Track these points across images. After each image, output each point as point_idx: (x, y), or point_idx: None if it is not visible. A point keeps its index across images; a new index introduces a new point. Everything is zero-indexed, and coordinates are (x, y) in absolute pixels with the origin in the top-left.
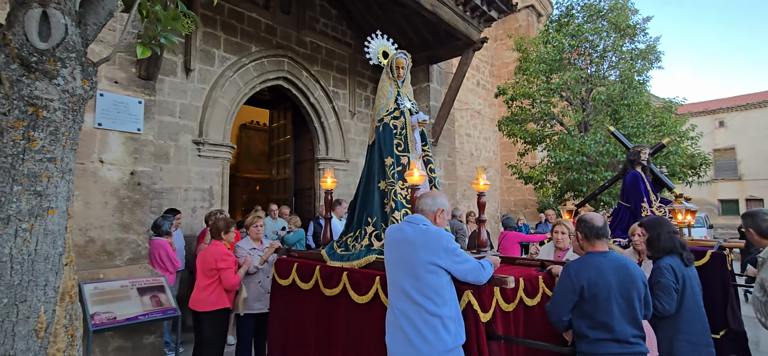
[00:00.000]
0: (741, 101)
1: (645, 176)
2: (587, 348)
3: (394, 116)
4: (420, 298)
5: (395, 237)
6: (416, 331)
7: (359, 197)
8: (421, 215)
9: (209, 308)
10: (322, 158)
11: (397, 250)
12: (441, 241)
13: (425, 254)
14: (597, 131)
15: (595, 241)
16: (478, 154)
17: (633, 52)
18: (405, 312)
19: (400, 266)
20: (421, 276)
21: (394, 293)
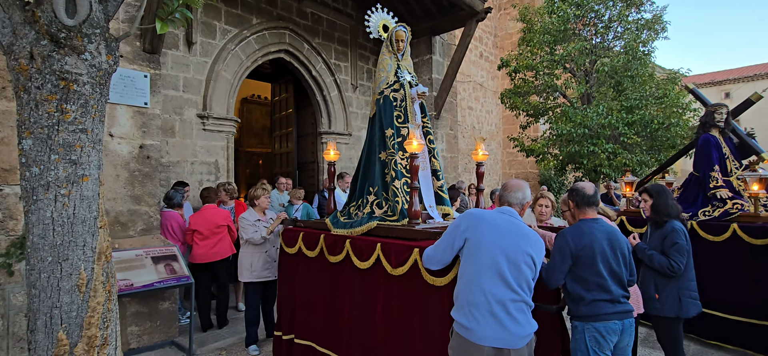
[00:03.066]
0: (748, 72)
1: (725, 140)
2: (586, 309)
3: (394, 89)
4: (516, 285)
5: (499, 221)
6: (506, 314)
7: (361, 168)
8: (512, 208)
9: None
10: (325, 132)
11: (504, 236)
12: (542, 247)
13: (533, 249)
14: (599, 103)
15: (586, 209)
16: (480, 127)
17: (639, 22)
18: (499, 296)
19: (503, 250)
20: (522, 268)
21: (488, 276)
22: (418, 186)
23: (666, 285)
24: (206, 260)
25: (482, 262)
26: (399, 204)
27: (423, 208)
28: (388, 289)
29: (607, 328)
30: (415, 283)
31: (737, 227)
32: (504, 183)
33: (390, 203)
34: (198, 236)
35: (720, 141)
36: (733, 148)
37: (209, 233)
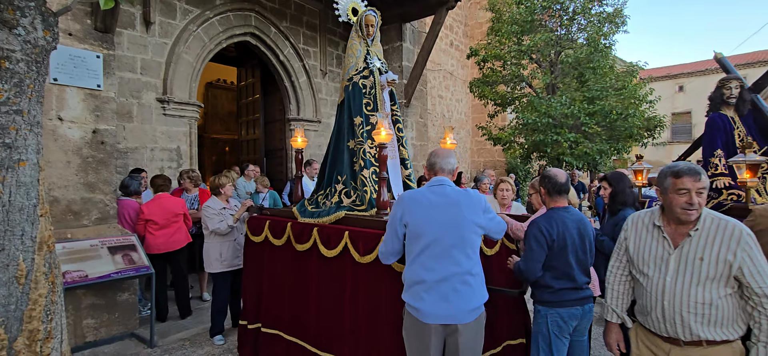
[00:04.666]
0: (701, 67)
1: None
2: (551, 297)
3: (364, 75)
4: (462, 258)
5: (434, 199)
6: (452, 290)
7: (329, 156)
8: (443, 177)
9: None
10: (293, 119)
11: (442, 212)
12: (481, 202)
13: (470, 213)
14: (563, 94)
15: (557, 197)
16: (450, 115)
17: (601, 15)
18: (444, 273)
19: (444, 227)
20: (466, 236)
21: (432, 255)
22: (386, 177)
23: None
24: (164, 250)
25: (423, 242)
26: (367, 194)
27: (391, 197)
28: (356, 277)
29: (569, 314)
30: (381, 270)
31: None
32: (433, 151)
33: (358, 192)
34: (152, 225)
35: (734, 121)
36: (755, 128)
37: (165, 222)
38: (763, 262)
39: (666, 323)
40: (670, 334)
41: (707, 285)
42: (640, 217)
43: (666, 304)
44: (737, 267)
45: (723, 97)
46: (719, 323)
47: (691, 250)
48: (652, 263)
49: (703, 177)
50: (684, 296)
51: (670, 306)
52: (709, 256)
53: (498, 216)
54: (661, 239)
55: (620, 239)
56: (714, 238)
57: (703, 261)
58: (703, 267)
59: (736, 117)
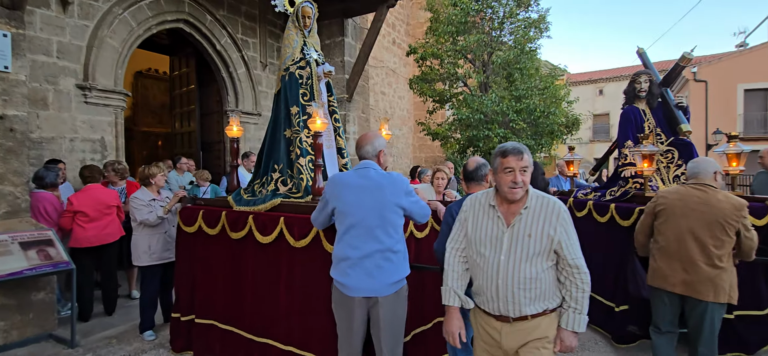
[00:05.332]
0: (618, 72)
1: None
2: None
3: (300, 66)
4: (383, 236)
5: (357, 182)
6: (375, 266)
7: (266, 145)
8: (368, 160)
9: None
10: (232, 111)
11: (364, 193)
12: (403, 184)
13: (392, 195)
14: (494, 92)
15: (470, 183)
16: (392, 112)
17: (527, 20)
18: (367, 250)
19: (366, 208)
20: (387, 215)
21: (356, 234)
22: (322, 164)
23: None
24: (95, 243)
25: (348, 222)
26: (304, 181)
27: None
28: (291, 261)
29: None
30: (317, 254)
31: (592, 207)
32: (359, 137)
33: (295, 180)
34: (82, 218)
35: (645, 113)
36: (662, 120)
37: (97, 214)
38: (575, 237)
39: (499, 301)
40: (502, 312)
41: (534, 260)
42: (477, 198)
43: (500, 282)
44: (557, 241)
45: (635, 91)
46: (542, 296)
47: (521, 228)
48: (489, 242)
49: (526, 156)
50: (515, 273)
51: (504, 284)
52: (536, 232)
53: (421, 200)
54: (495, 219)
55: (460, 219)
56: (539, 215)
57: (531, 238)
58: (531, 243)
59: (647, 110)
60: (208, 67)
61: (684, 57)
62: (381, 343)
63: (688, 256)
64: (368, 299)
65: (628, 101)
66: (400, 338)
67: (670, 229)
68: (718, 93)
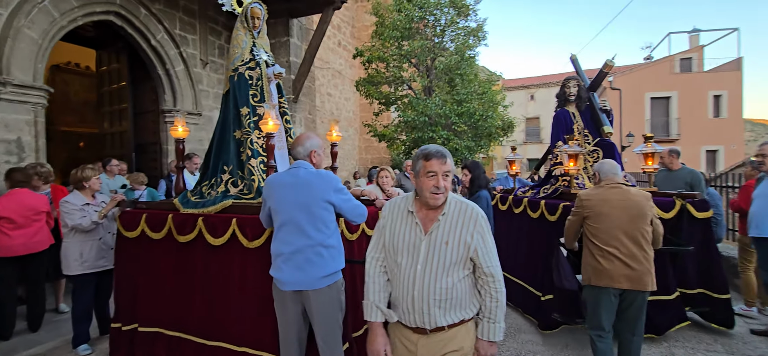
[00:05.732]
0: (547, 79)
1: (580, 115)
2: None
3: (250, 67)
4: (312, 231)
5: (288, 181)
6: (306, 260)
7: (214, 147)
8: (300, 160)
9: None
10: (169, 110)
11: (292, 191)
12: (332, 182)
13: (320, 192)
14: (437, 95)
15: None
16: (339, 113)
17: (467, 28)
18: (298, 245)
19: (295, 205)
20: (315, 212)
21: (287, 230)
22: (274, 165)
23: None
24: (22, 252)
25: (280, 220)
26: (256, 182)
27: None
28: (244, 262)
29: None
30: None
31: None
32: (292, 141)
33: (246, 181)
34: (7, 224)
35: (575, 116)
36: (590, 122)
37: (25, 221)
38: (492, 244)
39: (415, 313)
40: (418, 324)
41: (450, 270)
42: (396, 203)
43: (416, 293)
44: (474, 248)
45: (565, 95)
46: (458, 306)
47: (439, 235)
48: (405, 250)
49: (449, 160)
50: (431, 284)
51: (420, 295)
52: (453, 239)
53: (355, 200)
54: (413, 226)
55: (379, 226)
56: (457, 221)
57: (448, 246)
58: (448, 251)
59: (576, 113)
60: (142, 64)
61: (607, 64)
62: (316, 336)
63: (627, 252)
64: (301, 293)
65: (559, 104)
66: (335, 331)
67: (603, 230)
68: (629, 100)
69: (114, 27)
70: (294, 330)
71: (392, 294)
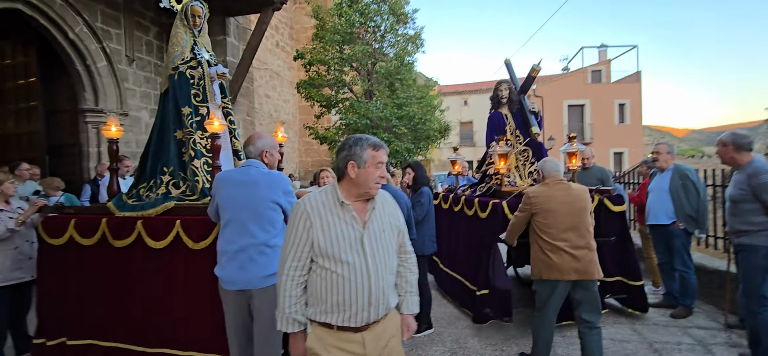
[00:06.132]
0: (480, 86)
1: (512, 116)
2: None
3: (191, 66)
4: (258, 231)
5: (237, 178)
6: (249, 259)
7: (152, 148)
8: (252, 159)
9: None
10: (90, 109)
11: (241, 189)
12: (282, 183)
13: (268, 192)
14: (378, 99)
15: None
16: (278, 115)
17: (406, 35)
18: (243, 245)
19: (242, 203)
20: (262, 211)
21: (232, 229)
22: (219, 165)
23: (418, 229)
24: None
25: (226, 217)
26: (200, 184)
27: None
28: (189, 264)
29: None
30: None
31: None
32: (245, 139)
33: (189, 182)
34: None
35: (507, 117)
36: (521, 123)
37: None
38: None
39: (371, 309)
40: (371, 319)
41: (392, 255)
42: (316, 200)
43: (373, 287)
44: (400, 230)
45: (498, 97)
46: (394, 290)
47: (376, 225)
48: (349, 247)
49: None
50: (383, 273)
51: (376, 287)
52: (387, 227)
53: None
54: (349, 220)
55: (300, 229)
56: (384, 208)
57: (385, 233)
58: (386, 239)
59: (509, 114)
60: (57, 58)
61: (534, 68)
62: (256, 335)
63: (574, 244)
64: (244, 292)
65: (493, 106)
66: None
67: (551, 225)
68: (550, 107)
69: (23, 17)
70: (240, 330)
71: (333, 298)
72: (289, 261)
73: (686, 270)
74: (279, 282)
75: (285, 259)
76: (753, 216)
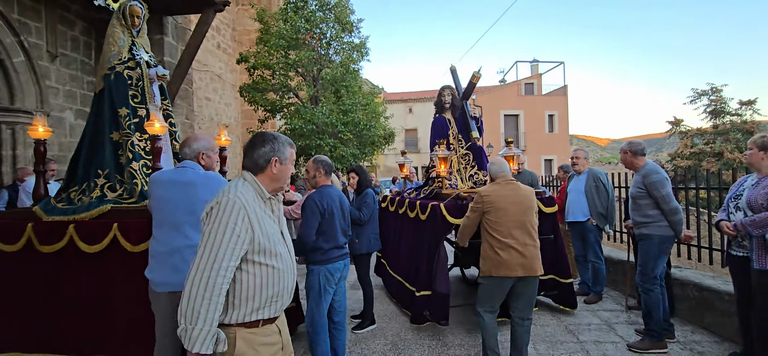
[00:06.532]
0: (424, 95)
1: (455, 121)
2: (321, 256)
3: (129, 67)
4: (191, 232)
5: (172, 179)
6: (182, 260)
7: (84, 150)
8: (188, 160)
9: None
10: (4, 109)
11: (176, 191)
12: (219, 184)
13: (204, 194)
14: (324, 105)
15: (329, 176)
16: (219, 119)
17: (351, 44)
18: (176, 246)
19: (177, 204)
20: (198, 213)
21: (165, 231)
22: (160, 167)
23: (361, 231)
24: None
25: (159, 218)
26: (138, 186)
27: None
28: (128, 267)
29: (334, 268)
30: None
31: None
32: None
33: (126, 185)
34: None
35: (450, 122)
36: (463, 128)
37: None
38: None
39: (290, 295)
40: (287, 305)
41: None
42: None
43: (292, 275)
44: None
45: (442, 102)
46: None
47: (280, 215)
48: (277, 239)
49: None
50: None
51: (293, 275)
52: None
53: None
54: (270, 213)
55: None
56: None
57: (282, 221)
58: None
59: (452, 119)
60: None
61: (474, 75)
62: None
63: (521, 242)
64: (177, 294)
65: (437, 111)
66: None
67: (502, 223)
68: (488, 116)
69: None
70: (171, 335)
71: (269, 292)
72: (226, 261)
73: (598, 261)
74: (206, 289)
75: (220, 259)
76: (648, 210)
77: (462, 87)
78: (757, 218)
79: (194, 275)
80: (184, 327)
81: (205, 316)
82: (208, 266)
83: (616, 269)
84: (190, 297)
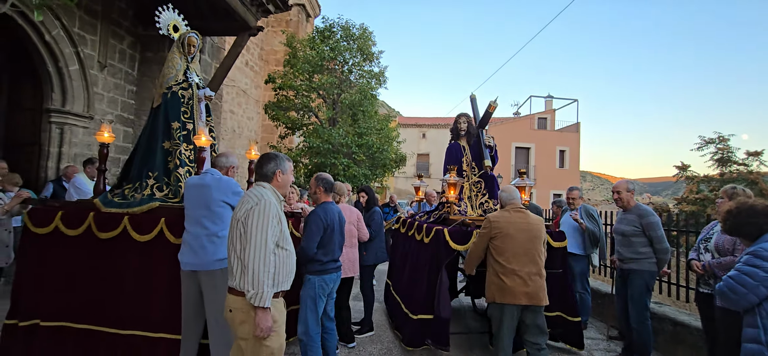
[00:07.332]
0: (438, 121)
1: (469, 148)
2: (319, 267)
3: (183, 87)
4: (208, 223)
5: (197, 182)
6: (200, 246)
7: (139, 154)
8: (216, 169)
9: None
10: (56, 110)
11: (197, 191)
12: (230, 186)
13: (218, 194)
14: (341, 127)
15: (329, 194)
16: (241, 131)
17: (371, 72)
18: (196, 234)
19: (198, 202)
20: (213, 208)
21: (190, 222)
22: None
23: (369, 246)
24: None
25: (186, 213)
26: (182, 189)
27: None
28: (170, 257)
29: (329, 278)
30: None
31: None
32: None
33: (172, 187)
34: None
35: (464, 149)
36: (477, 156)
37: None
38: None
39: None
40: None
41: None
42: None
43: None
44: None
45: (457, 129)
46: None
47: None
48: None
49: None
50: None
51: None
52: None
53: None
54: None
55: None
56: None
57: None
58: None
59: (466, 146)
60: (24, 56)
61: (491, 104)
62: (208, 316)
63: (526, 270)
64: (196, 273)
65: (452, 137)
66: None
67: (508, 249)
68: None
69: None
70: (189, 305)
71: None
72: (271, 244)
73: (585, 292)
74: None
75: (269, 243)
76: (640, 247)
77: (480, 115)
78: (723, 260)
79: (253, 256)
80: (254, 293)
81: (267, 280)
82: (261, 248)
83: (602, 301)
84: (254, 272)
